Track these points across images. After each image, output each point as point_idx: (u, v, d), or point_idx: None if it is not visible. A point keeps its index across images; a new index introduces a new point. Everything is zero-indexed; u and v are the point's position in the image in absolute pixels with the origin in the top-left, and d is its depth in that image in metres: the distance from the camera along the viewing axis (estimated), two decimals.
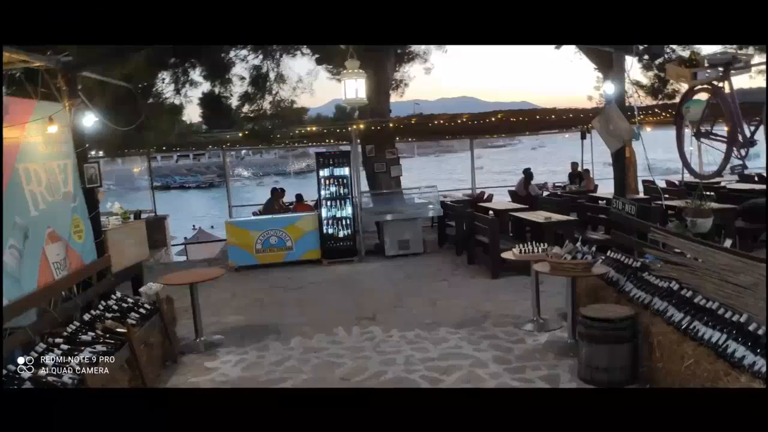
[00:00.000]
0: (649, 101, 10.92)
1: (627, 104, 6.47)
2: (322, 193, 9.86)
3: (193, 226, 22.29)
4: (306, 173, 51.37)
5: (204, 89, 10.70)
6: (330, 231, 9.78)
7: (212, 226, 20.78)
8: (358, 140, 10.88)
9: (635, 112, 6.36)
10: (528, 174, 12.36)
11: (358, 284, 8.21)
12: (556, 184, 14.81)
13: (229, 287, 8.19)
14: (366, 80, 6.04)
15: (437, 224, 11.10)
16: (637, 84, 10.69)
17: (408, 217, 9.89)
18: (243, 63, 10.53)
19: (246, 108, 10.66)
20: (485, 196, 13.37)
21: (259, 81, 10.46)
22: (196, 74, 10.40)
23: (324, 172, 9.85)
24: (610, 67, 6.67)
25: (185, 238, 16.80)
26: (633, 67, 5.97)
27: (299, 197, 12.11)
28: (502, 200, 12.60)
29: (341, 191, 9.85)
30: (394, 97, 12.38)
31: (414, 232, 9.82)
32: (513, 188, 13.04)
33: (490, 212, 9.56)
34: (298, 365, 5.19)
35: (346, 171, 9.86)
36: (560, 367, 4.77)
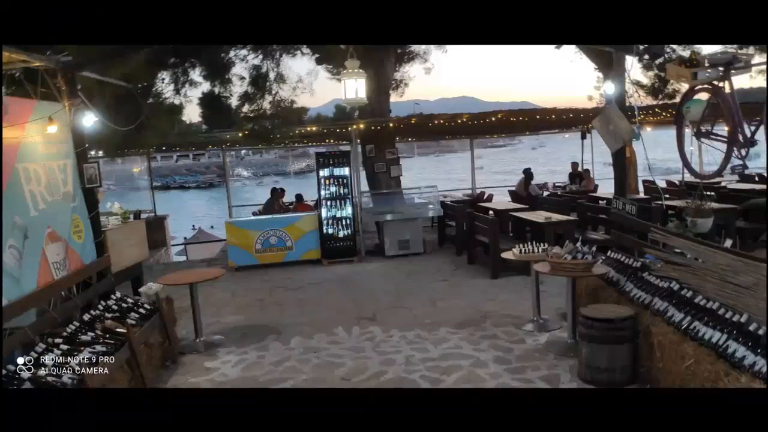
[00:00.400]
0: (649, 101, 10.92)
1: (627, 104, 6.47)
2: (322, 193, 9.86)
3: (193, 226, 22.51)
4: (306, 173, 51.44)
5: (204, 89, 10.72)
6: (330, 231, 9.79)
7: (212, 226, 20.93)
8: (358, 140, 10.88)
9: (635, 112, 6.36)
10: (528, 174, 12.42)
11: (358, 284, 8.21)
12: (556, 184, 14.86)
13: (229, 287, 8.19)
14: (366, 80, 6.04)
15: (437, 224, 11.11)
16: (638, 84, 10.69)
17: (408, 217, 9.89)
18: (243, 63, 10.54)
19: (246, 108, 10.65)
20: (485, 196, 13.41)
21: (258, 81, 10.45)
22: (195, 74, 10.41)
23: (324, 172, 9.85)
24: (610, 67, 6.68)
25: (185, 238, 16.96)
26: (633, 67, 5.99)
27: (299, 197, 12.15)
28: (502, 200, 12.63)
29: (341, 191, 9.85)
30: (394, 97, 12.41)
31: (414, 232, 9.82)
32: (513, 188, 13.08)
33: (490, 212, 9.57)
34: (298, 365, 5.17)
35: (346, 171, 9.86)
36: (560, 368, 4.77)
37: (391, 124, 11.07)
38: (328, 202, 9.84)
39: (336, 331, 6.02)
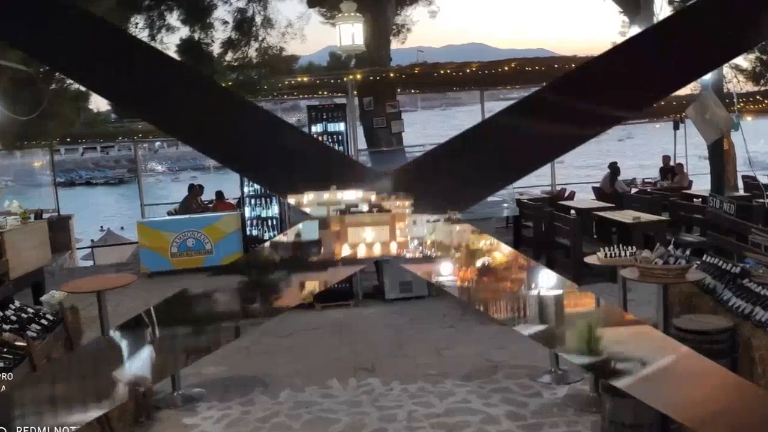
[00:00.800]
0: (749, 87, 11.77)
1: (725, 91, 6.94)
2: (246, 190, 10.69)
3: (101, 227, 25.80)
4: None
5: (182, 35, 11.47)
6: (255, 233, 10.62)
7: (122, 227, 23.97)
8: (355, 92, 11.66)
9: (734, 100, 6.82)
10: (614, 169, 13.98)
11: (354, 330, 8.45)
12: (646, 180, 16.48)
13: (141, 295, 8.48)
14: (363, 25, 6.54)
15: (512, 225, 12.16)
16: (737, 68, 11.66)
17: (477, 217, 8.64)
18: (226, 5, 11.30)
19: (229, 56, 11.48)
20: (566, 194, 14.99)
21: (243, 25, 11.13)
22: (173, 18, 11.24)
23: (317, 128, 10.16)
24: (637, 11, 7.13)
25: (92, 240, 19.50)
26: (663, 10, 6.47)
27: (219, 195, 13.65)
28: (585, 198, 14.33)
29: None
30: (395, 44, 13.53)
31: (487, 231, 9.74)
32: (597, 185, 14.77)
33: (572, 211, 10.32)
34: (288, 421, 5.70)
35: (341, 126, 9.86)
36: (581, 424, 5.30)
37: (391, 74, 11.89)
38: (253, 201, 10.66)
39: (330, 383, 6.45)
